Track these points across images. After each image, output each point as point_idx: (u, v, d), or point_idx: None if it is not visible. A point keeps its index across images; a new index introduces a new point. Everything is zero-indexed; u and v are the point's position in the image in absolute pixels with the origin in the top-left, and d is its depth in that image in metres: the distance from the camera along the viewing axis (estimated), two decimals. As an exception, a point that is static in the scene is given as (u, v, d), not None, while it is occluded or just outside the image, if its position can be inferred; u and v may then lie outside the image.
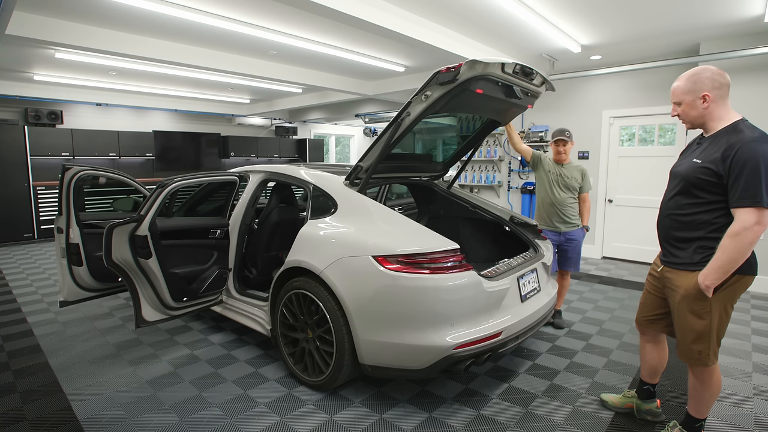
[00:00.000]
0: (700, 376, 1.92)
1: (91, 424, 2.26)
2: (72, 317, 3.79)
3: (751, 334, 3.47)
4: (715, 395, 1.94)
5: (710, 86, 1.79)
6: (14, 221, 7.30)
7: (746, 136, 1.71)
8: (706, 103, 1.81)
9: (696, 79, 1.82)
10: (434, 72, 2.21)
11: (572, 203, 3.48)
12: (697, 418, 1.97)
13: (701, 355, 1.86)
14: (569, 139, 3.44)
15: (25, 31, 4.19)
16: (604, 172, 6.21)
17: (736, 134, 1.74)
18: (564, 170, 3.49)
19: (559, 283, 3.55)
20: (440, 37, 4.68)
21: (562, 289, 3.63)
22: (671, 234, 1.95)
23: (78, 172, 3.04)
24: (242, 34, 4.76)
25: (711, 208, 1.81)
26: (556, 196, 3.46)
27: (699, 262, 1.83)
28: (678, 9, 3.98)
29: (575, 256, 3.52)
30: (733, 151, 1.70)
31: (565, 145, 3.45)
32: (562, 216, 3.46)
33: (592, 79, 6.19)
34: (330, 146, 13.66)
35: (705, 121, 1.86)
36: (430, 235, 2.34)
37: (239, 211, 3.23)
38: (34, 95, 7.55)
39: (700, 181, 1.81)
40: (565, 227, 3.48)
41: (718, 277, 1.73)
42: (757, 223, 1.65)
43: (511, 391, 2.59)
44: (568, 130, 3.46)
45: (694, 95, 1.82)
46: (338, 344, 2.35)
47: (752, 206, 1.65)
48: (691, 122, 1.90)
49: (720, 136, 1.80)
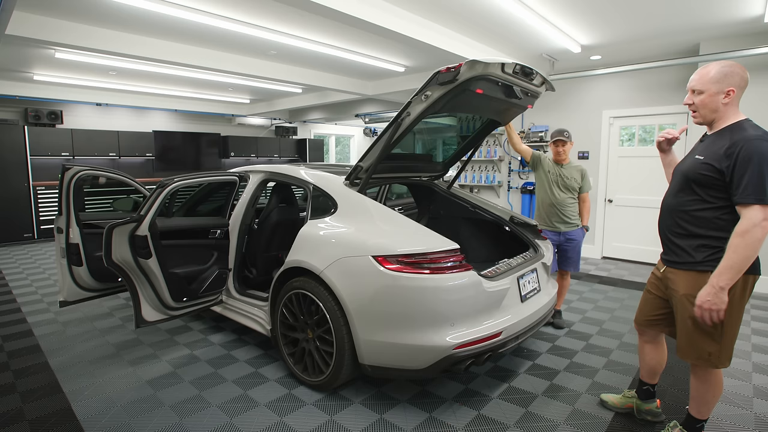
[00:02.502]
0: (703, 377, 1.90)
1: (91, 424, 2.26)
2: (72, 317, 3.79)
3: (751, 334, 3.47)
4: (718, 396, 1.92)
5: (738, 83, 1.77)
6: (14, 221, 7.30)
7: (750, 134, 1.70)
8: (728, 98, 1.77)
9: (728, 72, 1.77)
10: (434, 72, 2.21)
11: (572, 203, 3.48)
12: (698, 418, 1.95)
13: (712, 357, 1.82)
14: (568, 140, 3.44)
15: (25, 31, 4.19)
16: (604, 172, 6.21)
17: (740, 132, 1.73)
18: (563, 170, 3.49)
19: (559, 283, 3.55)
20: (440, 37, 4.68)
21: (562, 290, 3.63)
22: (673, 231, 1.93)
23: (78, 172, 3.04)
24: (242, 34, 4.76)
25: (713, 206, 1.79)
26: (555, 196, 3.46)
27: (702, 261, 1.81)
28: (678, 9, 3.98)
29: (575, 256, 3.52)
30: (738, 147, 1.69)
31: (564, 146, 3.45)
32: (562, 216, 3.46)
33: (592, 79, 6.19)
34: (330, 146, 13.66)
35: (718, 116, 1.82)
36: (430, 235, 2.34)
37: (239, 211, 3.23)
38: (34, 95, 7.55)
39: (702, 178, 1.79)
40: (565, 227, 3.48)
41: (731, 277, 1.68)
42: (764, 219, 1.64)
43: (511, 391, 2.59)
44: (567, 131, 3.46)
45: (720, 86, 1.77)
46: (338, 344, 2.35)
47: (757, 203, 1.64)
48: (704, 116, 1.85)
49: (724, 133, 1.79)
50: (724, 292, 1.68)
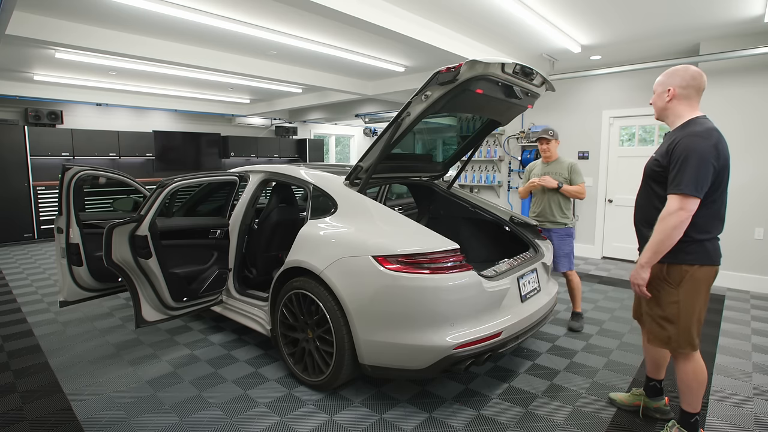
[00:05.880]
0: (679, 366, 1.99)
1: (91, 424, 2.26)
2: (72, 317, 3.79)
3: (751, 334, 3.47)
4: (701, 385, 1.96)
5: (678, 83, 1.91)
6: (14, 221, 7.30)
7: (689, 131, 1.84)
8: (668, 96, 1.93)
9: (670, 74, 1.94)
10: (434, 72, 2.21)
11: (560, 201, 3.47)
12: (690, 412, 1.99)
13: (671, 341, 1.94)
14: (552, 138, 3.49)
15: (25, 31, 4.19)
16: (604, 172, 6.21)
17: (683, 129, 1.88)
18: (550, 168, 3.53)
19: (567, 286, 3.58)
20: (440, 37, 4.68)
21: (573, 291, 3.59)
22: (637, 226, 2.10)
23: (78, 172, 3.04)
24: (242, 34, 4.76)
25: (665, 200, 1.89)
26: (545, 193, 3.50)
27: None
28: (678, 9, 3.98)
29: (561, 255, 3.49)
30: (674, 144, 1.84)
31: (548, 143, 3.50)
32: (548, 214, 3.49)
33: (592, 79, 6.19)
34: (330, 146, 13.66)
35: (667, 114, 1.97)
36: (430, 235, 2.34)
37: (239, 211, 3.23)
38: (34, 95, 7.55)
39: (654, 174, 1.97)
40: (551, 225, 3.50)
41: (649, 256, 1.87)
42: (680, 208, 1.78)
43: (511, 391, 2.59)
44: (552, 130, 3.52)
45: (663, 87, 1.95)
46: (338, 344, 2.34)
47: (677, 193, 1.79)
48: (657, 112, 2.03)
49: (675, 131, 1.93)
50: (644, 269, 1.89)
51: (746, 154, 4.73)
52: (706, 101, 4.94)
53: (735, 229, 4.83)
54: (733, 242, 4.86)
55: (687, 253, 1.87)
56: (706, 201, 1.82)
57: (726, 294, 4.60)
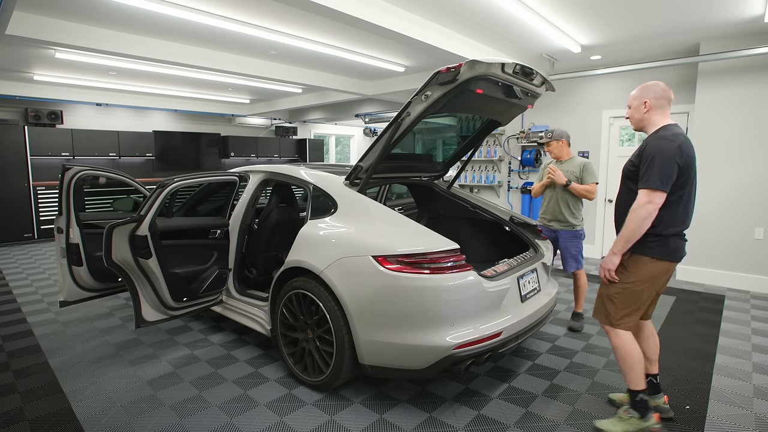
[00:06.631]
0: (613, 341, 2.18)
1: (91, 424, 2.26)
2: (72, 317, 3.79)
3: (751, 334, 3.47)
4: (636, 361, 2.10)
5: (653, 95, 2.12)
6: (14, 221, 7.30)
7: (658, 135, 2.05)
8: (646, 108, 2.13)
9: (643, 88, 2.17)
10: (434, 72, 2.21)
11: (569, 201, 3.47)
12: (633, 390, 2.13)
13: (609, 316, 2.17)
14: (549, 138, 3.51)
15: (25, 31, 4.18)
16: (604, 172, 6.20)
17: (654, 133, 2.09)
18: (563, 167, 3.52)
19: (574, 284, 3.60)
20: (440, 37, 4.67)
21: (578, 290, 3.59)
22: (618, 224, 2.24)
23: (78, 172, 3.04)
24: (242, 34, 4.76)
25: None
26: (555, 191, 3.50)
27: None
28: (678, 9, 3.98)
29: (568, 256, 3.52)
30: (645, 146, 2.06)
31: (549, 146, 3.53)
32: (557, 214, 3.49)
33: (592, 79, 6.19)
34: (330, 146, 13.66)
35: (645, 124, 2.17)
36: (430, 235, 2.34)
37: (239, 211, 3.23)
38: (34, 95, 7.55)
39: (630, 173, 2.16)
40: (559, 225, 3.50)
41: (621, 245, 2.07)
42: (648, 202, 1.97)
43: (511, 391, 2.59)
44: (551, 131, 3.54)
45: (639, 100, 2.17)
46: (338, 344, 2.35)
47: (645, 188, 1.99)
48: (635, 123, 2.22)
49: (647, 138, 2.13)
50: (616, 256, 2.09)
51: (746, 154, 4.73)
52: (707, 101, 4.96)
53: (735, 229, 4.83)
54: (733, 242, 4.86)
55: (648, 246, 2.06)
56: (673, 197, 2.01)
57: (726, 294, 4.60)
